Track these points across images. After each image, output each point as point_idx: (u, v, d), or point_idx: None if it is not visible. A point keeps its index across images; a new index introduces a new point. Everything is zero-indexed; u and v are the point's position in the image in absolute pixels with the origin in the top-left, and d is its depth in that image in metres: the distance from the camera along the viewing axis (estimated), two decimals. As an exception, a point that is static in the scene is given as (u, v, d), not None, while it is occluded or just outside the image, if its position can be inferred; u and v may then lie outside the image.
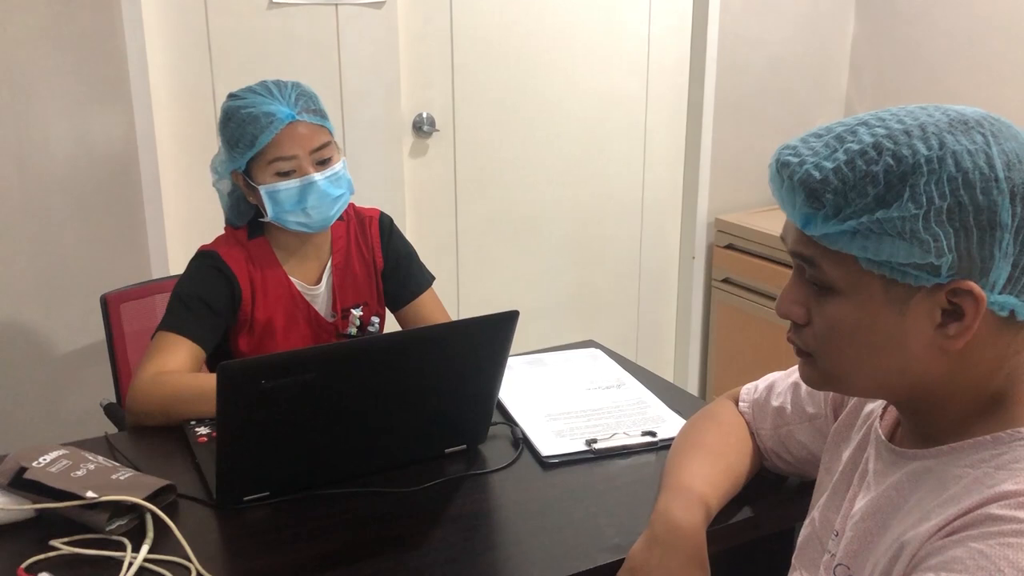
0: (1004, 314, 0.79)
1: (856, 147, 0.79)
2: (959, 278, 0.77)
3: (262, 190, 1.62)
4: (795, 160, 0.81)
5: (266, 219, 1.65)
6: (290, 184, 1.61)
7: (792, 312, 0.87)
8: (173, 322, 1.61)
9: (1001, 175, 0.76)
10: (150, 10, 2.27)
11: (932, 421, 0.86)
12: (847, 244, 0.79)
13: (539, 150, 2.85)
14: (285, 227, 1.66)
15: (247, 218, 1.73)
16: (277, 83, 1.65)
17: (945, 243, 0.76)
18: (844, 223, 0.78)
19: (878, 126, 0.79)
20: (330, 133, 1.66)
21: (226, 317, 1.67)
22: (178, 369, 1.56)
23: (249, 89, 1.64)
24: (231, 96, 1.66)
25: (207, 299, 1.63)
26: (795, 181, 0.80)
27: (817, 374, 0.88)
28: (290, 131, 1.60)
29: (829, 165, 0.79)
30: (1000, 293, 0.78)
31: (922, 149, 0.77)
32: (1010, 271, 0.78)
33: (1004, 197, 0.76)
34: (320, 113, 1.65)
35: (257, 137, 1.59)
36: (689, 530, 1.07)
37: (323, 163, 1.63)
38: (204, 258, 1.68)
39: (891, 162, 0.77)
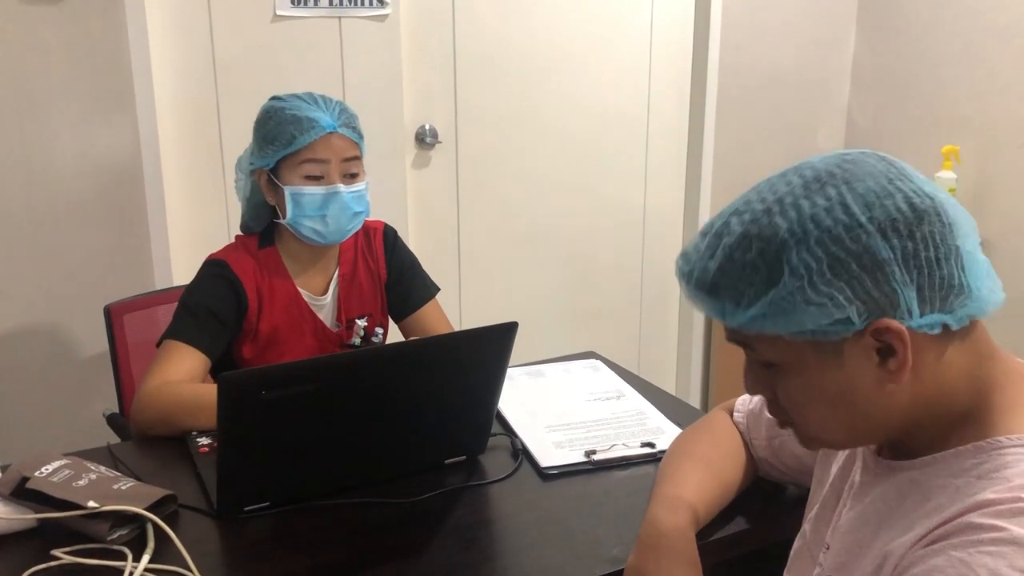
0: (936, 331, 0.82)
1: (731, 240, 0.83)
2: (874, 319, 0.80)
3: (287, 190, 1.64)
4: (687, 268, 0.87)
5: (282, 221, 1.67)
6: (316, 190, 1.63)
7: (758, 392, 0.91)
8: (179, 330, 1.62)
9: (862, 219, 0.79)
10: (155, 23, 2.28)
11: (912, 440, 0.88)
12: (762, 325, 0.83)
13: (541, 161, 2.86)
14: (299, 233, 1.67)
15: (264, 223, 1.75)
16: (322, 96, 1.69)
17: (842, 296, 0.79)
18: (748, 310, 0.82)
19: (745, 211, 0.84)
20: (361, 152, 1.70)
21: (232, 327, 1.68)
22: (184, 378, 1.57)
23: (294, 95, 1.68)
24: (274, 97, 1.69)
25: (214, 308, 1.65)
26: (692, 286, 0.86)
27: (804, 439, 0.92)
28: (327, 139, 1.63)
29: (714, 265, 0.84)
30: (921, 316, 0.81)
31: (782, 224, 0.81)
32: (918, 295, 0.80)
33: (874, 237, 0.79)
34: (357, 132, 1.69)
35: (296, 138, 1.62)
36: (675, 533, 1.08)
37: (350, 177, 1.67)
38: (212, 267, 1.70)
39: (761, 245, 0.81)
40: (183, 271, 2.42)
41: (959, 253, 0.81)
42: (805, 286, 0.79)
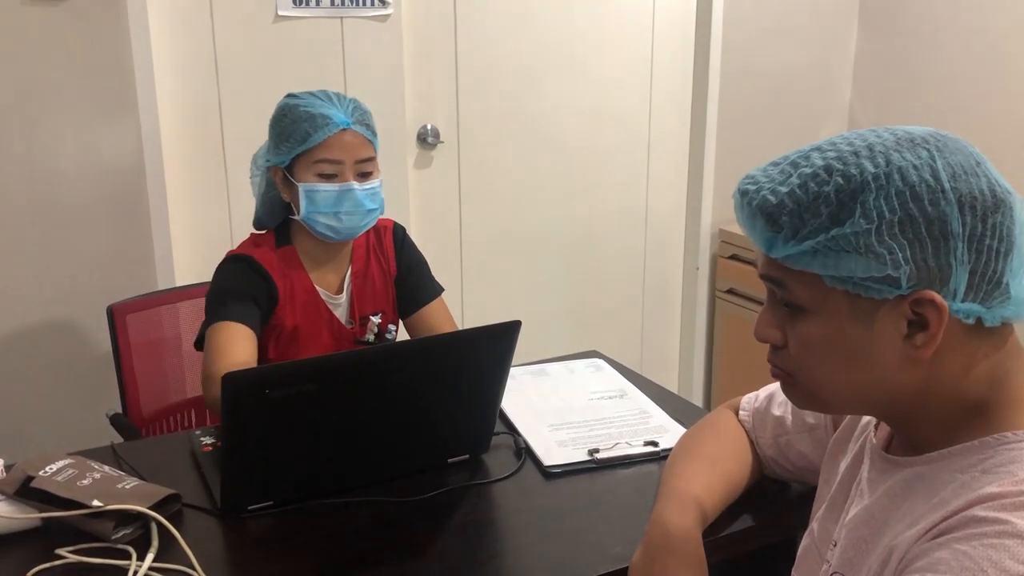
0: (970, 321, 0.82)
1: (808, 171, 0.83)
2: (919, 288, 0.80)
3: (301, 187, 1.65)
4: (753, 188, 0.85)
5: (296, 217, 1.67)
6: (330, 187, 1.64)
7: (769, 335, 0.90)
8: (227, 312, 1.62)
9: (947, 186, 0.79)
10: (157, 24, 2.29)
11: (919, 431, 0.88)
12: (809, 263, 0.82)
13: (543, 161, 2.86)
14: (313, 229, 1.68)
15: (279, 219, 1.76)
16: (337, 93, 1.71)
17: (900, 255, 0.79)
18: (803, 243, 0.82)
19: (829, 150, 0.84)
20: (375, 150, 1.70)
21: (266, 314, 1.69)
22: (247, 359, 1.57)
23: (309, 92, 1.69)
24: (290, 95, 1.70)
25: (251, 292, 1.66)
26: (754, 207, 0.84)
27: (798, 393, 0.91)
28: (340, 137, 1.64)
29: (784, 190, 0.83)
30: (963, 301, 0.81)
31: (869, 167, 0.80)
32: (968, 278, 0.80)
33: (952, 207, 0.79)
34: (371, 129, 1.70)
35: (310, 135, 1.63)
36: (683, 533, 1.08)
37: (364, 176, 1.68)
38: (239, 261, 1.70)
39: (841, 181, 0.81)
40: (186, 271, 2.42)
41: (1018, 254, 0.81)
42: (872, 232, 0.79)
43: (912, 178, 0.79)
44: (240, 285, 1.66)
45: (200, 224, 2.45)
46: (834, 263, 0.81)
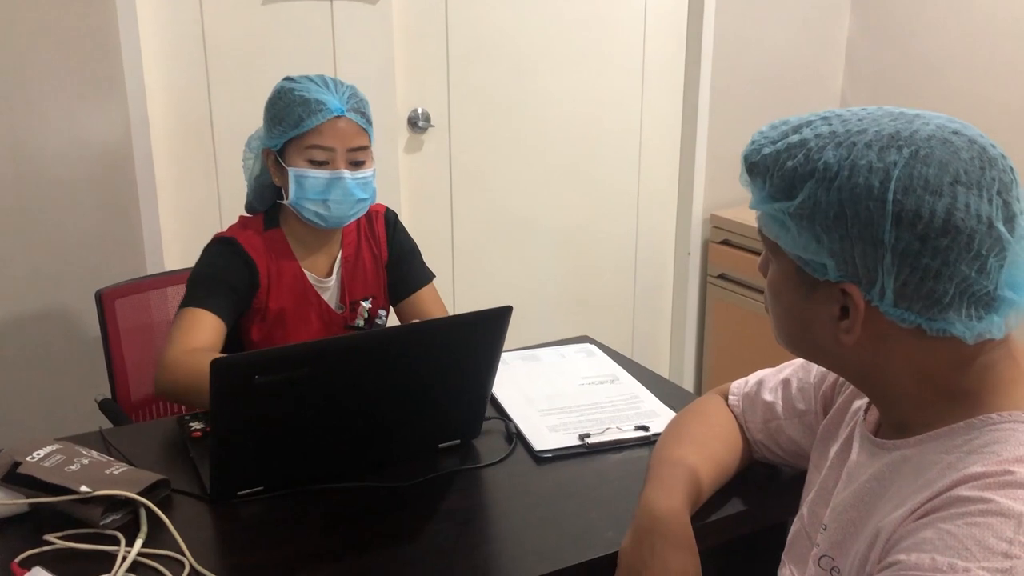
0: (907, 326, 0.82)
1: (794, 139, 0.85)
2: (846, 281, 0.83)
3: (291, 172, 1.64)
4: (756, 138, 0.90)
5: (285, 202, 1.66)
6: (319, 174, 1.63)
7: (762, 268, 0.96)
8: (197, 298, 1.62)
9: (890, 197, 0.79)
10: (145, 7, 2.26)
11: (902, 412, 0.89)
12: (766, 223, 0.88)
13: (535, 146, 2.85)
14: (301, 215, 1.67)
15: (268, 203, 1.75)
16: (334, 79, 1.69)
17: (828, 246, 0.82)
18: (762, 204, 0.88)
19: (823, 125, 0.85)
20: (369, 140, 1.69)
21: (244, 299, 1.68)
22: (206, 344, 1.57)
23: (306, 77, 1.68)
24: (287, 79, 1.69)
25: (227, 278, 1.65)
26: (743, 155, 0.90)
27: (772, 327, 0.95)
28: (333, 124, 1.63)
29: (767, 150, 0.87)
30: (895, 307, 0.82)
31: (830, 155, 0.82)
32: (897, 287, 0.81)
33: (887, 219, 0.79)
34: (366, 118, 1.68)
35: (303, 120, 1.62)
36: (671, 516, 1.08)
37: (356, 164, 1.66)
38: (223, 243, 1.70)
39: (802, 161, 0.84)
40: (175, 256, 2.41)
41: (966, 283, 0.80)
42: (805, 216, 0.83)
43: (859, 179, 0.80)
44: (217, 271, 1.65)
45: (189, 208, 2.43)
46: (778, 231, 0.86)
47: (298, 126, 1.62)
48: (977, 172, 0.80)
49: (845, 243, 0.81)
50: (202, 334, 1.58)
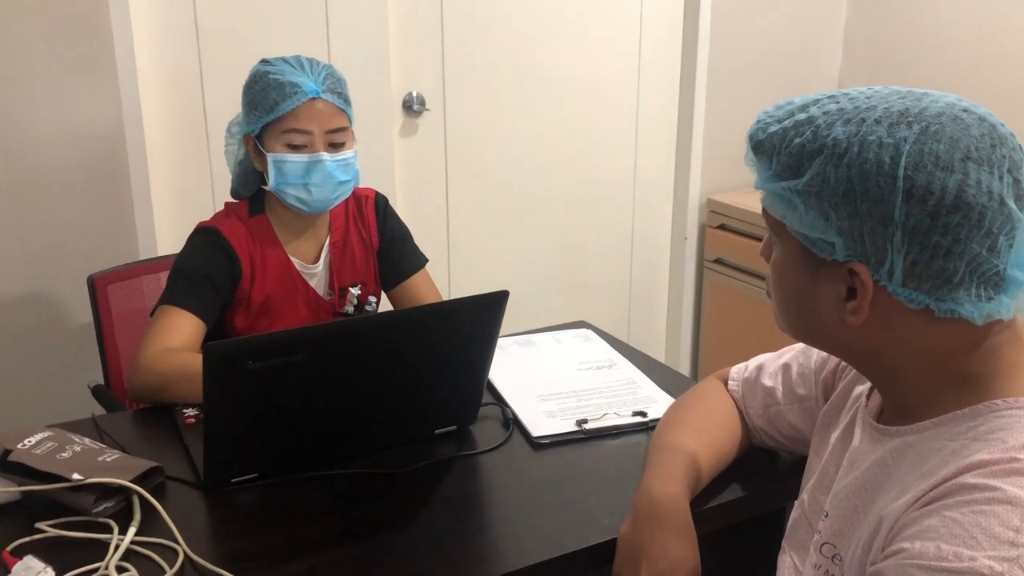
0: (916, 307, 0.81)
1: (801, 117, 0.84)
2: (854, 260, 0.82)
3: (270, 158, 1.62)
4: (761, 118, 0.89)
5: (268, 187, 1.64)
6: (298, 158, 1.61)
7: (764, 252, 0.94)
8: (176, 296, 1.60)
9: (901, 172, 0.78)
10: (136, -13, 2.24)
11: (904, 397, 0.88)
12: (772, 203, 0.87)
13: (530, 129, 2.83)
14: (284, 200, 1.65)
15: (253, 189, 1.73)
16: (310, 60, 1.67)
17: (837, 223, 0.81)
18: (768, 183, 0.86)
19: (830, 104, 0.84)
20: (349, 120, 1.66)
21: (226, 293, 1.66)
22: (184, 344, 1.55)
23: (282, 59, 1.66)
24: (262, 61, 1.67)
25: (208, 273, 1.63)
26: (748, 135, 0.89)
27: (774, 313, 0.94)
28: (310, 106, 1.61)
29: (774, 129, 0.86)
30: (903, 287, 0.80)
31: (839, 132, 0.81)
32: (907, 266, 0.80)
33: (897, 194, 0.78)
34: (344, 98, 1.66)
35: (278, 104, 1.60)
36: (670, 501, 1.08)
37: (336, 146, 1.64)
38: (205, 234, 1.68)
39: (810, 138, 0.83)
40: (167, 241, 2.39)
41: (976, 262, 0.79)
42: (813, 194, 0.82)
43: (869, 154, 0.79)
44: (198, 265, 1.63)
45: (182, 192, 2.41)
46: (784, 211, 0.85)
47: (273, 110, 1.60)
48: (988, 149, 0.79)
49: (854, 220, 0.80)
50: (178, 335, 1.56)
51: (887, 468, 0.88)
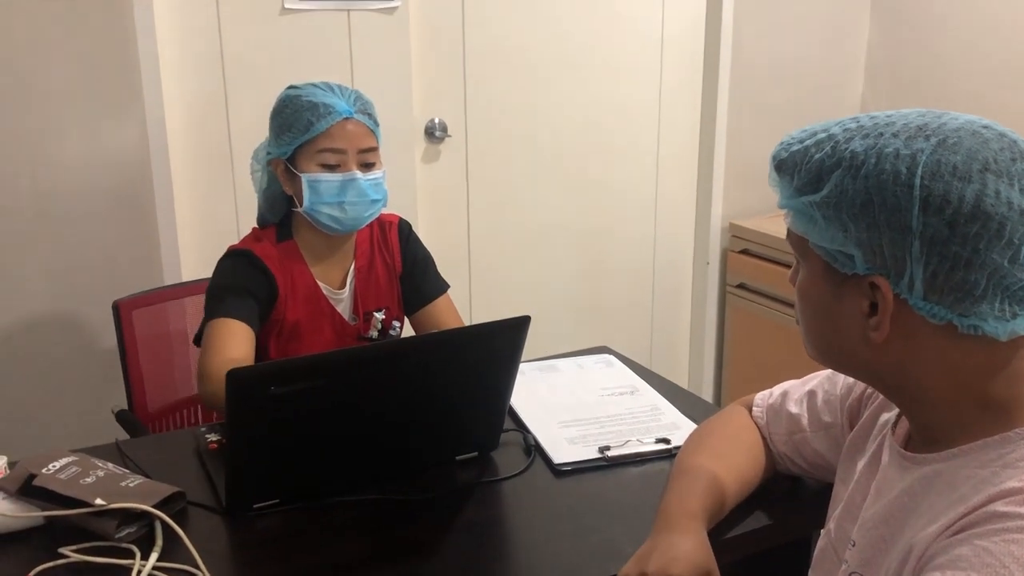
0: (938, 322, 0.80)
1: (822, 136, 0.85)
2: (873, 273, 0.81)
3: (304, 178, 1.63)
4: (785, 139, 0.90)
5: (299, 210, 1.66)
6: (333, 177, 1.63)
7: (792, 277, 0.94)
8: (224, 309, 1.61)
9: (918, 182, 0.78)
10: (162, 18, 2.27)
11: (932, 422, 0.87)
12: (794, 221, 0.87)
13: (552, 155, 2.84)
14: (316, 220, 1.66)
15: (280, 214, 1.74)
16: (339, 84, 1.69)
17: (856, 235, 0.81)
18: (790, 201, 0.87)
19: (850, 123, 0.85)
20: (377, 141, 1.69)
21: (266, 309, 1.67)
22: (242, 354, 1.57)
23: (310, 83, 1.68)
24: (290, 87, 1.69)
25: (251, 289, 1.65)
26: (772, 155, 0.90)
27: (802, 337, 0.93)
28: (342, 126, 1.63)
29: (795, 147, 0.87)
30: (925, 300, 0.79)
31: (857, 146, 0.82)
32: (927, 278, 0.79)
33: (914, 204, 0.78)
34: (373, 119, 1.69)
35: (313, 124, 1.62)
36: (685, 519, 1.07)
37: (367, 166, 1.67)
38: (240, 256, 1.69)
39: (828, 153, 0.83)
40: (192, 267, 2.41)
41: (998, 274, 0.78)
42: (832, 205, 0.82)
43: (886, 165, 0.79)
44: (239, 281, 1.65)
45: (206, 219, 2.43)
46: (805, 227, 0.85)
47: (308, 131, 1.62)
48: (1007, 162, 0.78)
49: (872, 232, 0.80)
50: (236, 342, 1.58)
51: (916, 496, 0.86)
